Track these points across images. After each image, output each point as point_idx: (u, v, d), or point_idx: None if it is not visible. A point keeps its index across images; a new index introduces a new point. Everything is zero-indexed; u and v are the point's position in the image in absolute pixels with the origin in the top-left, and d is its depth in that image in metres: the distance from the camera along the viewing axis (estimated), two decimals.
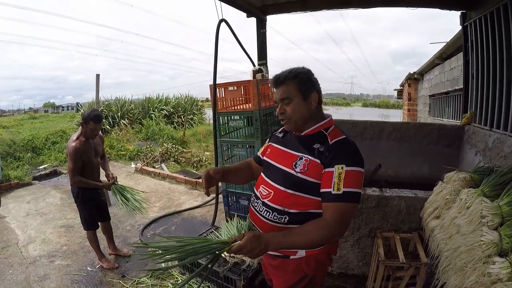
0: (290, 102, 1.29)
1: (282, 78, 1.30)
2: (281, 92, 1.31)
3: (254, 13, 3.69)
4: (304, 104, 1.29)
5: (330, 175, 1.19)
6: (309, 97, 1.30)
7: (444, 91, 5.49)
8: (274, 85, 1.34)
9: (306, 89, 1.29)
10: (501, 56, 2.63)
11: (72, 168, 2.58)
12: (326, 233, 1.18)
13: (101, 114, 2.75)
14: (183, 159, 7.49)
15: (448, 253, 1.52)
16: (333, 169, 1.19)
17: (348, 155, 1.22)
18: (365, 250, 2.48)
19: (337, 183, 1.17)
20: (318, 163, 1.23)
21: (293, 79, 1.29)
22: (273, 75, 1.38)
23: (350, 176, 1.18)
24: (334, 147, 1.23)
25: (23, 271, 2.88)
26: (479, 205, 1.49)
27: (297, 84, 1.28)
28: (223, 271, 2.26)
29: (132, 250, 3.16)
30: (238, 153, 3.16)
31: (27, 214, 4.20)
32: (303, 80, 1.29)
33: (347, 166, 1.18)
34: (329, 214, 1.19)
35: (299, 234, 1.19)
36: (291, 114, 1.30)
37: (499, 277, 1.17)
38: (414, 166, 3.56)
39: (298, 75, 1.29)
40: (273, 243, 1.16)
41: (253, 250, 1.12)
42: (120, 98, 12.98)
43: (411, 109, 8.14)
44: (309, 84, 1.30)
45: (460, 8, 3.27)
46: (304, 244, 1.21)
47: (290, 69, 1.32)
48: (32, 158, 7.09)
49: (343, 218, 1.18)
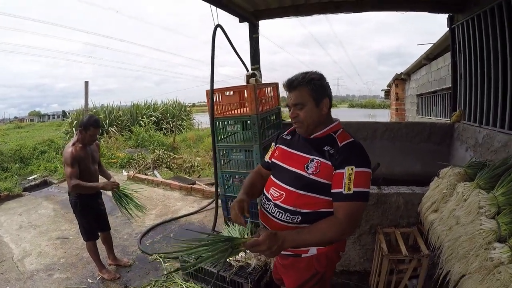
0: (303, 107, 1.33)
1: (296, 83, 1.33)
2: (294, 98, 1.34)
3: (247, 18, 3.73)
4: (316, 110, 1.34)
5: (341, 176, 1.25)
6: (321, 103, 1.34)
7: (431, 90, 5.67)
8: (287, 88, 1.37)
9: (318, 96, 1.33)
10: (488, 56, 2.76)
11: (70, 173, 2.51)
12: (339, 230, 1.23)
13: (99, 119, 2.74)
14: (175, 165, 7.46)
15: (449, 243, 1.60)
16: (344, 170, 1.25)
17: (357, 157, 1.27)
18: (366, 247, 2.55)
19: (347, 184, 1.23)
20: (330, 165, 1.29)
21: (307, 85, 1.32)
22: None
23: (359, 176, 1.23)
24: (343, 149, 1.29)
25: (21, 286, 2.79)
26: (476, 196, 1.58)
27: (310, 91, 1.32)
28: (229, 275, 2.27)
29: (132, 260, 3.14)
30: (236, 157, 3.18)
31: (20, 227, 4.09)
32: (316, 86, 1.32)
33: (357, 167, 1.24)
34: (341, 213, 1.24)
35: (313, 231, 1.23)
36: (303, 119, 1.34)
37: (501, 261, 1.27)
38: (407, 164, 3.67)
39: (311, 81, 1.32)
40: (288, 240, 1.20)
41: (272, 247, 1.16)
42: (108, 105, 12.85)
43: (399, 109, 8.35)
44: (321, 91, 1.34)
45: (447, 11, 3.40)
46: (317, 241, 1.26)
47: (304, 74, 1.35)
48: (20, 168, 6.92)
49: (354, 217, 1.24)
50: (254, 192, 1.57)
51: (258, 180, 1.61)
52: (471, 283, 1.33)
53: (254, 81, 3.24)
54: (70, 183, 2.52)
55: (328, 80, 1.39)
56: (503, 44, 2.55)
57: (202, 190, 5.10)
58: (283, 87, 1.39)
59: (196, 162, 7.60)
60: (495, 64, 2.67)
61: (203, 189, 5.10)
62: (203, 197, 4.97)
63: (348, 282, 2.53)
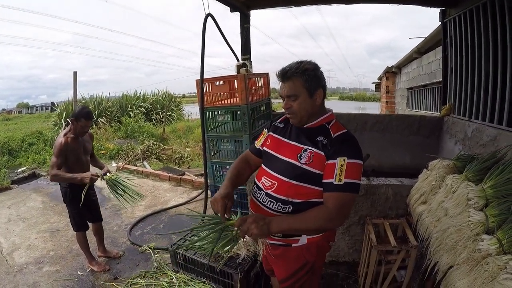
0: (296, 99, 1.31)
1: (290, 74, 1.30)
2: (287, 89, 1.32)
3: (239, 7, 3.68)
4: (310, 101, 1.32)
5: (333, 167, 1.24)
6: (314, 94, 1.32)
7: (422, 84, 5.71)
8: (280, 79, 1.35)
9: (312, 87, 1.30)
10: (479, 51, 2.79)
11: (53, 163, 2.46)
12: (327, 220, 1.23)
13: (91, 111, 2.68)
14: (164, 156, 7.40)
15: (437, 234, 1.62)
16: (336, 161, 1.24)
17: (350, 148, 1.27)
18: (355, 238, 2.57)
19: (338, 174, 1.22)
20: (322, 155, 1.28)
21: (301, 75, 1.29)
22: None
23: (351, 168, 1.23)
24: (337, 140, 1.29)
25: (10, 280, 2.75)
26: (465, 189, 1.61)
27: (304, 81, 1.29)
28: (219, 265, 2.27)
29: (122, 251, 3.11)
30: (226, 148, 3.17)
31: (9, 220, 4.01)
32: (310, 77, 1.29)
33: (349, 159, 1.24)
34: (330, 202, 1.24)
35: (301, 218, 1.24)
36: (297, 110, 1.33)
37: (489, 252, 1.29)
38: (396, 156, 3.71)
39: (305, 71, 1.29)
40: (275, 221, 1.23)
41: (258, 222, 1.19)
42: (97, 96, 12.61)
43: (389, 102, 8.41)
44: (315, 81, 1.31)
45: (440, 5, 3.41)
46: (304, 228, 1.26)
47: (298, 63, 1.32)
48: (8, 161, 6.78)
49: (344, 207, 1.24)
50: (239, 182, 1.55)
51: (245, 169, 1.59)
52: (459, 274, 1.35)
53: (244, 71, 3.21)
54: (50, 172, 2.48)
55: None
56: (494, 39, 2.57)
57: (191, 181, 5.09)
58: (276, 77, 1.36)
59: (186, 153, 7.55)
60: (486, 59, 2.70)
61: (192, 180, 5.09)
62: (193, 188, 4.97)
63: (337, 273, 2.56)
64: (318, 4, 3.61)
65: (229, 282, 2.25)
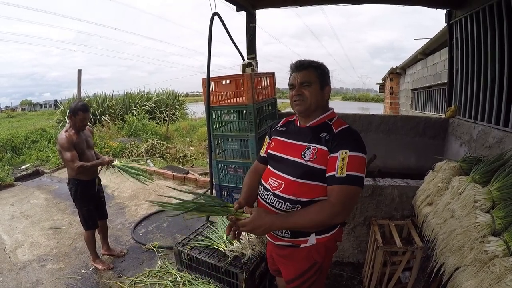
0: (310, 86, 1.36)
1: (306, 64, 1.39)
2: (302, 76, 1.37)
3: (245, 6, 3.68)
4: (320, 93, 1.39)
5: (334, 160, 1.26)
6: (325, 88, 1.40)
7: (426, 85, 5.69)
8: (296, 69, 1.40)
9: (323, 81, 1.39)
10: (485, 53, 2.78)
11: (71, 157, 2.49)
12: (330, 213, 1.22)
13: (87, 103, 2.72)
14: (168, 155, 7.41)
15: (444, 236, 1.61)
16: (337, 154, 1.26)
17: (351, 141, 1.28)
18: (360, 238, 2.57)
19: (340, 167, 1.24)
20: (326, 150, 1.30)
21: (316, 69, 1.38)
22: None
23: (353, 160, 1.24)
24: (339, 134, 1.31)
25: (14, 277, 2.76)
26: (472, 190, 1.60)
27: (318, 74, 1.38)
28: (224, 265, 2.28)
29: (126, 249, 3.13)
30: (232, 147, 3.16)
31: (12, 217, 4.03)
32: (324, 72, 1.40)
33: (351, 152, 1.25)
34: (333, 196, 1.24)
35: (305, 213, 1.25)
36: (308, 96, 1.36)
37: (495, 254, 1.29)
38: (401, 157, 3.70)
39: (320, 66, 1.40)
40: (278, 219, 1.25)
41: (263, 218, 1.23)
42: (100, 94, 12.64)
43: (393, 103, 8.39)
44: (327, 77, 1.42)
45: (446, 6, 3.40)
46: (308, 221, 1.24)
47: (312, 60, 1.42)
48: (12, 158, 6.82)
49: (346, 200, 1.24)
50: (253, 195, 1.55)
51: (257, 182, 1.58)
52: (465, 275, 1.35)
53: (250, 71, 3.21)
54: (74, 166, 2.51)
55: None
56: (501, 41, 2.56)
57: (195, 179, 5.10)
58: (290, 68, 1.43)
59: (190, 151, 7.57)
60: (492, 60, 2.69)
61: (196, 179, 5.10)
62: (197, 186, 4.98)
63: (342, 273, 2.56)
64: (324, 4, 3.60)
65: (234, 282, 2.26)
